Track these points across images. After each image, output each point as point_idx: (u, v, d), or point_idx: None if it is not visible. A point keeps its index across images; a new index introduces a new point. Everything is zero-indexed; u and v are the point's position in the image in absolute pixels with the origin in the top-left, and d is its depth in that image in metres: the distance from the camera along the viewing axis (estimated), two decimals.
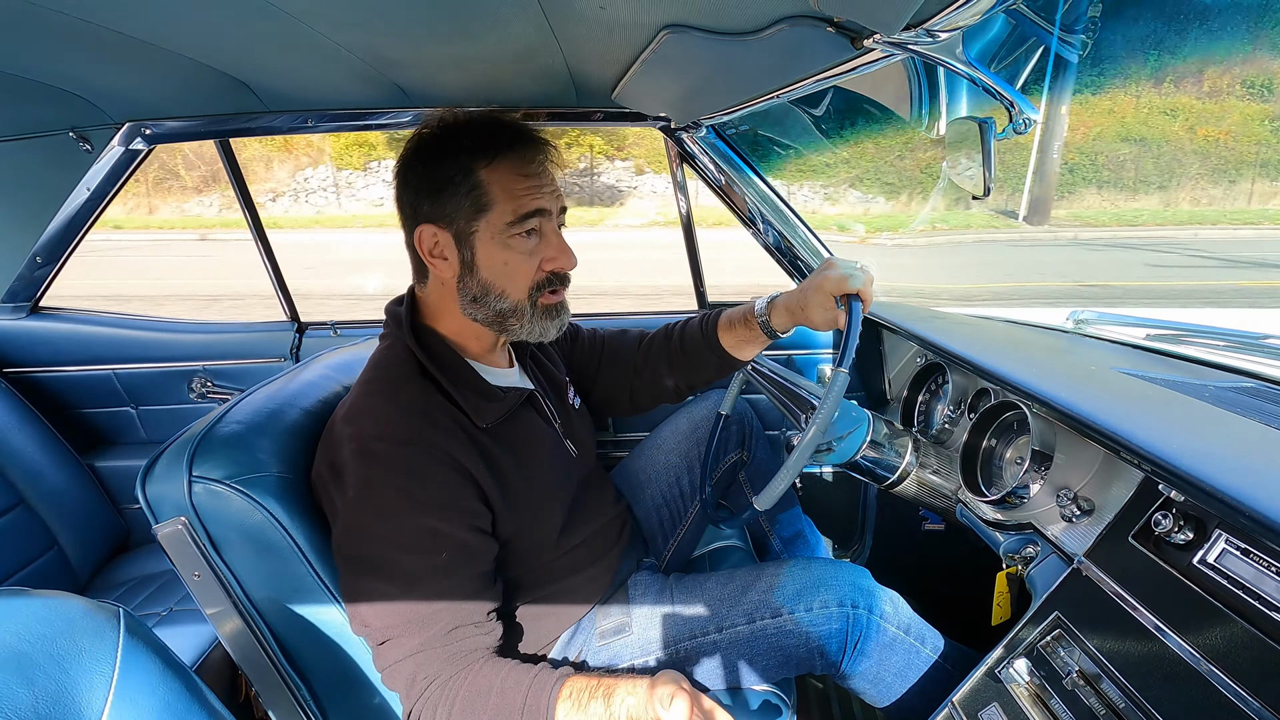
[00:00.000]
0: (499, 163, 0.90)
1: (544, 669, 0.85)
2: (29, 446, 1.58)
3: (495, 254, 0.92)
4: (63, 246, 1.73)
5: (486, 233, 0.91)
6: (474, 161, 0.90)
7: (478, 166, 0.90)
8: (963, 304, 4.70)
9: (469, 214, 0.91)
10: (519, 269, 0.93)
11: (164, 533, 0.86)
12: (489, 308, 0.95)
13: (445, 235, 0.92)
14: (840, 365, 0.89)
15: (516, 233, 0.91)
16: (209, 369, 1.87)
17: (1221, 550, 0.65)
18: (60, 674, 0.53)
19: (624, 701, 0.80)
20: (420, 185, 0.92)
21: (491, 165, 0.90)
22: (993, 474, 1.07)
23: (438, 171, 0.91)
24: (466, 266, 0.93)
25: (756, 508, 0.96)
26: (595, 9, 0.84)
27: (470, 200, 0.90)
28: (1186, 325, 1.20)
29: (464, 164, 0.90)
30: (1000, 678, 0.78)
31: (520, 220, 0.91)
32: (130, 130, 1.54)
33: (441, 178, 0.90)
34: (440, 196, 0.91)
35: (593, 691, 0.81)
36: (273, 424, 0.96)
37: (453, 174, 0.90)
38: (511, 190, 0.90)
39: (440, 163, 0.91)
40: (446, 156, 0.91)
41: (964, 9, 0.63)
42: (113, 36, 0.96)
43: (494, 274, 0.93)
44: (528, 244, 0.93)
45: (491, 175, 0.90)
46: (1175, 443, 0.72)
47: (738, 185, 1.69)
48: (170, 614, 1.43)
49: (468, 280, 0.94)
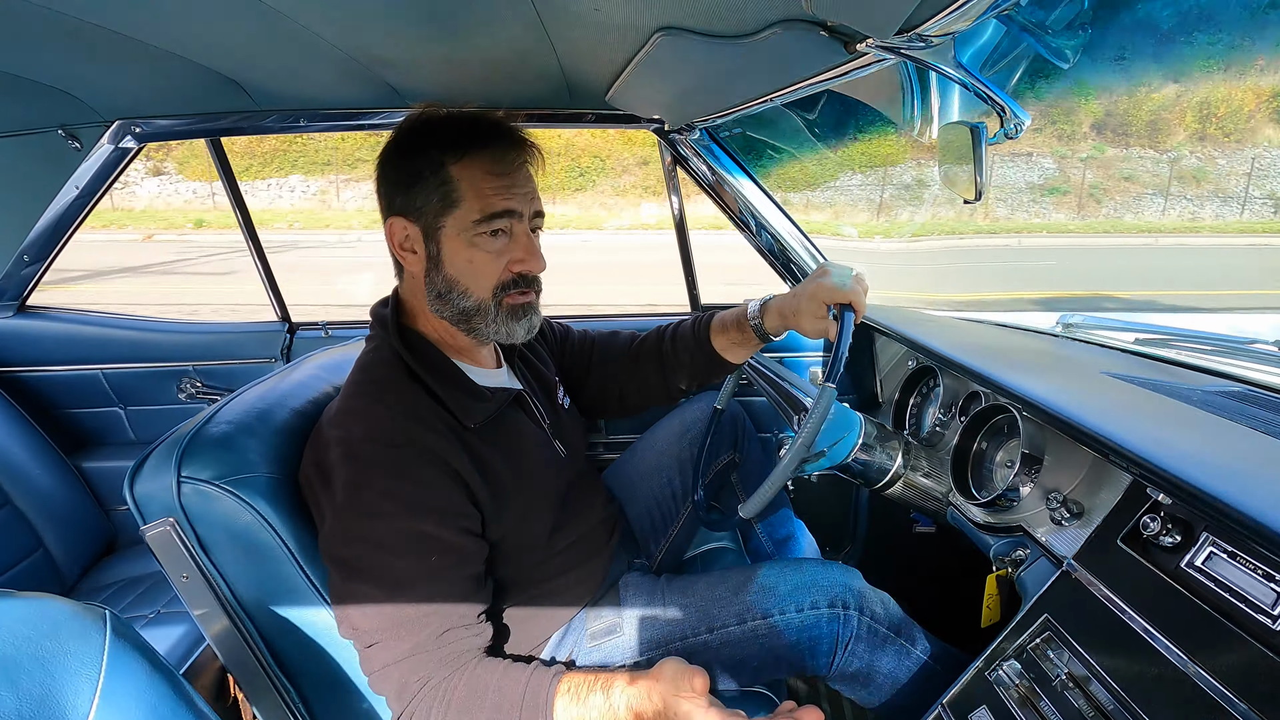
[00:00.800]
0: (470, 160, 0.90)
1: (539, 666, 0.84)
2: (15, 447, 1.56)
3: (460, 251, 0.92)
4: (50, 245, 1.71)
5: (453, 229, 0.91)
6: (444, 156, 0.90)
7: (448, 162, 0.90)
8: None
9: (437, 209, 0.91)
10: (484, 268, 0.93)
11: (152, 534, 0.86)
12: (453, 305, 0.95)
13: (414, 229, 0.93)
14: (828, 380, 0.87)
15: (483, 231, 0.91)
16: (199, 369, 1.85)
17: (1209, 553, 0.65)
18: (45, 677, 0.52)
19: (624, 693, 0.79)
20: (394, 178, 0.93)
21: (461, 162, 0.90)
22: (983, 477, 1.08)
23: (410, 165, 0.92)
24: (433, 261, 0.94)
25: (741, 515, 0.97)
26: (589, 10, 0.84)
27: (439, 195, 0.90)
28: (1174, 330, 1.21)
29: (434, 159, 0.90)
30: (990, 680, 0.78)
31: (487, 219, 0.91)
32: (120, 128, 1.52)
33: (413, 171, 0.91)
34: (411, 190, 0.91)
35: (591, 685, 0.81)
36: (263, 424, 0.95)
37: (423, 168, 0.90)
38: (480, 188, 0.90)
39: (414, 157, 0.92)
40: (420, 151, 0.91)
41: (956, 14, 0.63)
42: (103, 34, 0.96)
43: (458, 271, 0.93)
44: (494, 244, 0.93)
45: (461, 172, 0.90)
46: (1163, 446, 0.73)
47: (731, 188, 1.69)
48: (158, 616, 1.41)
49: (434, 275, 0.94)
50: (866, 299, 1.00)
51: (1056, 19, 0.99)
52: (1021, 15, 0.96)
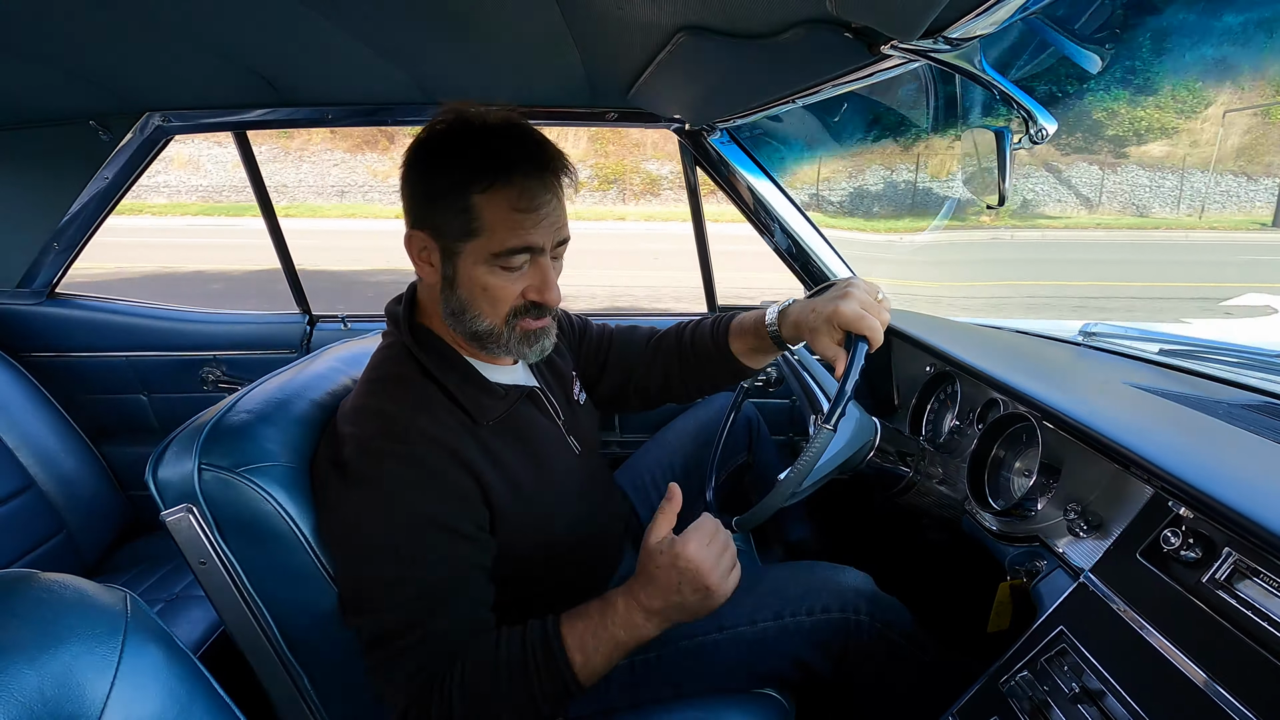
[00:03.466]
0: (495, 192, 0.85)
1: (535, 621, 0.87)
2: (41, 430, 1.60)
3: (477, 278, 0.89)
4: (80, 233, 1.75)
5: (471, 257, 0.88)
6: (470, 184, 0.85)
7: (472, 191, 0.85)
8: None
9: (457, 233, 0.87)
10: (499, 295, 0.90)
11: (171, 519, 0.87)
12: (466, 326, 0.93)
13: (434, 245, 0.90)
14: (827, 420, 0.82)
15: (501, 265, 0.88)
16: (220, 358, 1.88)
17: (1231, 570, 0.64)
18: (66, 655, 0.53)
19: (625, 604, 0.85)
20: (417, 191, 0.90)
21: (487, 193, 0.85)
22: (1000, 485, 1.06)
23: (434, 184, 0.88)
24: (448, 282, 0.91)
25: (735, 529, 0.95)
26: (612, 8, 0.84)
27: (460, 221, 0.87)
28: (1200, 340, 1.19)
29: (459, 183, 0.85)
30: (1002, 691, 0.77)
31: (507, 254, 0.87)
32: (149, 120, 1.55)
33: (436, 191, 0.87)
34: (434, 207, 0.88)
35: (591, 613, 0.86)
36: (281, 414, 0.96)
37: (447, 191, 0.86)
38: (505, 221, 0.86)
39: (437, 176, 0.88)
40: (445, 170, 0.87)
41: (983, 17, 0.63)
42: (135, 26, 0.98)
43: (473, 296, 0.90)
44: (513, 275, 0.90)
45: (485, 202, 0.85)
46: (1186, 459, 0.71)
47: (751, 188, 1.69)
48: (176, 599, 1.44)
49: (448, 294, 0.92)
50: (887, 318, 0.94)
51: (1086, 23, 0.97)
52: (1050, 18, 0.94)
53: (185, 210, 15.52)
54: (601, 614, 0.85)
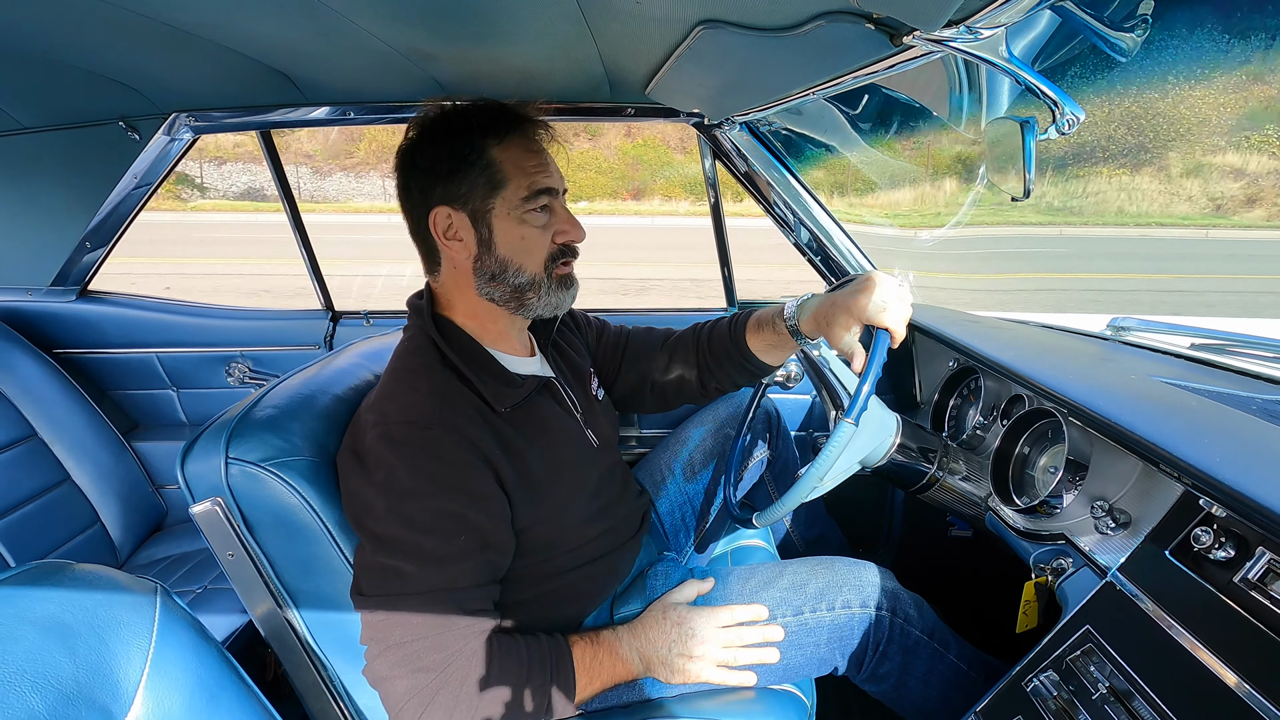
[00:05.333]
0: (510, 141, 0.94)
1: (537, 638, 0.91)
2: (76, 425, 1.64)
3: (512, 229, 0.95)
4: (111, 232, 1.79)
5: (502, 209, 0.94)
6: (486, 140, 0.93)
7: (490, 145, 0.93)
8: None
9: (484, 192, 0.93)
10: (535, 243, 0.96)
11: (200, 512, 0.89)
12: (507, 284, 0.97)
13: (460, 216, 0.95)
14: (849, 414, 0.83)
15: (531, 208, 0.95)
16: (247, 354, 1.92)
17: (1265, 569, 0.63)
18: (100, 645, 0.55)
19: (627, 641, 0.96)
20: (431, 167, 0.94)
21: (503, 144, 0.93)
22: (1024, 482, 1.05)
23: (450, 152, 0.93)
24: (484, 245, 0.96)
25: (754, 525, 0.99)
26: (631, 3, 0.84)
27: (485, 178, 0.93)
28: (1232, 335, 1.16)
29: (476, 143, 0.93)
30: (1026, 690, 0.76)
31: (534, 196, 0.94)
32: (177, 120, 1.58)
33: (454, 158, 0.93)
34: (454, 177, 0.93)
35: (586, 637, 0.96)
36: (306, 409, 0.98)
37: (466, 153, 0.93)
38: (524, 167, 0.94)
39: (451, 143, 0.94)
40: (457, 137, 0.93)
41: (1007, 6, 0.61)
42: (162, 29, 0.99)
43: (511, 250, 0.96)
44: (541, 219, 0.96)
45: (504, 154, 0.93)
46: (1218, 456, 0.70)
47: (771, 182, 1.67)
48: (204, 592, 1.47)
49: (485, 259, 0.96)
50: (909, 312, 0.95)
51: (1115, 10, 0.95)
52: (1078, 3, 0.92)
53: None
54: (594, 641, 0.96)
